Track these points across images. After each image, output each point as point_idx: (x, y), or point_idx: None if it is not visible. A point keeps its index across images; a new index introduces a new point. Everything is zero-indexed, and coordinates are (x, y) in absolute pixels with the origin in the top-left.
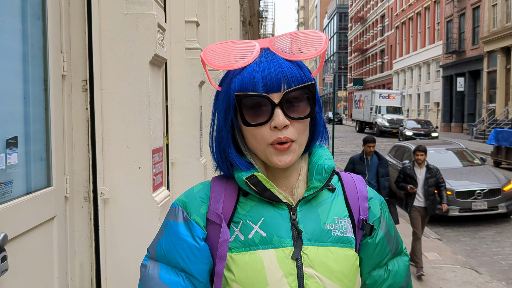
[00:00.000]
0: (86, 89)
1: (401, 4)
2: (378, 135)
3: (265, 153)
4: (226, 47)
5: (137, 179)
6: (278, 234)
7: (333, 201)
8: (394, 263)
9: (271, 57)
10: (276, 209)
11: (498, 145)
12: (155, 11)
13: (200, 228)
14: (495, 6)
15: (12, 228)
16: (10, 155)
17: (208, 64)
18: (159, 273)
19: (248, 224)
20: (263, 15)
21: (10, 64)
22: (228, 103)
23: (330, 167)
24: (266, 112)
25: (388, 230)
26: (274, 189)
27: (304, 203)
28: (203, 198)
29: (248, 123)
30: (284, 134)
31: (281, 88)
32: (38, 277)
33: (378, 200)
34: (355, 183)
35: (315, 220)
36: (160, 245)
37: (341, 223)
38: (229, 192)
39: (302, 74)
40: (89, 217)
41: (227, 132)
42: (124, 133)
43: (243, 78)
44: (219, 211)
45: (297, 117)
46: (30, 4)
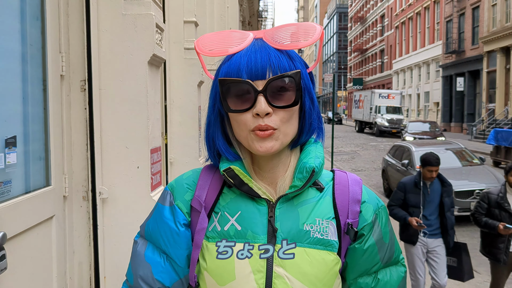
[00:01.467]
0: (84, 89)
1: (401, 4)
2: (378, 135)
3: (247, 140)
4: (221, 35)
5: (135, 178)
6: (253, 229)
7: (319, 202)
8: (386, 272)
9: (260, 45)
10: (255, 204)
11: (497, 145)
12: (153, 12)
13: (182, 214)
14: (494, 6)
15: (11, 227)
16: (9, 155)
17: (200, 51)
18: (145, 251)
19: (225, 215)
20: (262, 15)
21: (9, 64)
22: (215, 90)
23: (311, 166)
24: (249, 99)
25: (381, 237)
26: (251, 183)
27: (285, 200)
28: (189, 185)
29: (231, 109)
30: (265, 121)
31: (266, 76)
32: (37, 276)
33: (373, 205)
34: (348, 184)
35: (293, 219)
36: (148, 225)
37: (323, 225)
38: (215, 181)
39: (291, 64)
40: (88, 217)
41: (215, 119)
42: (123, 132)
43: (230, 64)
44: (202, 199)
45: (280, 106)
46: (29, 4)
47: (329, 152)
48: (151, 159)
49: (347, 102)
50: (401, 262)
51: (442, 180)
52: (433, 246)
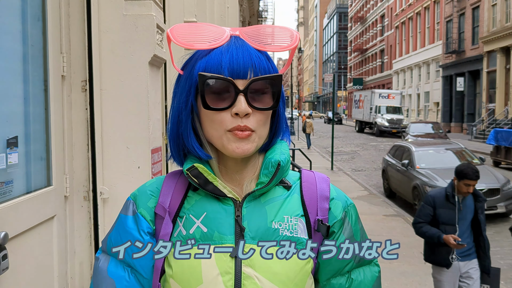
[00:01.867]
0: (85, 89)
1: (401, 4)
2: (378, 135)
3: (221, 140)
4: (195, 27)
5: (136, 178)
6: (220, 230)
7: (286, 199)
8: (359, 272)
9: (240, 44)
10: (221, 204)
11: (497, 145)
12: (154, 12)
13: (146, 222)
14: (494, 6)
15: (12, 227)
16: (10, 155)
17: (174, 40)
18: (108, 266)
19: (190, 218)
20: (262, 15)
21: (11, 64)
22: (190, 84)
23: (276, 160)
24: (228, 98)
25: (352, 235)
26: (216, 182)
27: (252, 199)
28: (152, 192)
29: (209, 106)
30: (244, 122)
31: (248, 76)
32: (38, 276)
33: (342, 202)
34: (316, 182)
35: (261, 218)
36: (110, 238)
37: (292, 222)
38: (179, 186)
39: (270, 66)
40: (89, 216)
41: (187, 115)
42: (123, 133)
43: (209, 60)
44: (166, 205)
45: (260, 108)
46: (30, 5)
47: (329, 152)
48: (152, 159)
49: (347, 102)
50: (374, 262)
51: (476, 195)
52: (466, 269)
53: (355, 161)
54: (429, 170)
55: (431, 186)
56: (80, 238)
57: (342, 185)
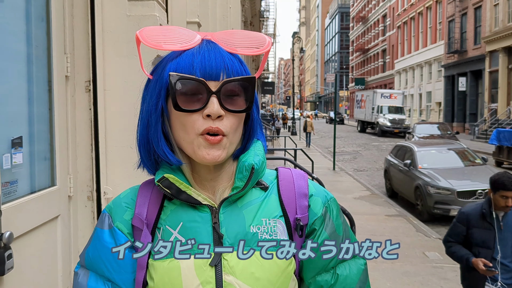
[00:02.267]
0: (89, 89)
1: (403, 4)
2: (380, 135)
3: (192, 145)
4: (166, 29)
5: (139, 178)
6: (198, 239)
7: (264, 201)
8: (345, 266)
9: (212, 46)
10: (197, 211)
11: (500, 145)
12: (157, 13)
13: (123, 235)
14: (496, 6)
15: (17, 226)
16: (15, 155)
17: (143, 41)
18: (88, 281)
19: (167, 229)
20: (264, 15)
21: (15, 65)
22: (161, 87)
23: (249, 164)
24: (201, 100)
25: (334, 230)
26: (190, 191)
27: (228, 204)
28: (128, 204)
29: (180, 108)
30: (216, 124)
31: (220, 77)
32: (43, 275)
33: (322, 198)
34: (293, 179)
35: (239, 223)
36: (88, 253)
37: (270, 224)
38: (154, 196)
39: (243, 69)
40: (93, 216)
41: (157, 119)
42: (127, 133)
43: (180, 61)
44: (143, 216)
45: (233, 110)
46: (34, 6)
47: (331, 152)
48: None
49: (349, 102)
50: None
51: None
52: None
53: (357, 161)
54: (431, 170)
55: (433, 186)
56: (84, 238)
57: (344, 185)
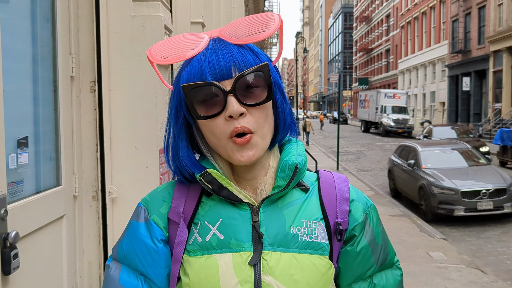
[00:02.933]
0: (94, 90)
1: (407, 4)
2: (384, 135)
3: (226, 150)
4: (173, 41)
5: (144, 178)
6: (237, 237)
7: (304, 202)
8: (382, 276)
9: (219, 44)
10: (237, 209)
11: (504, 145)
12: (162, 13)
13: (159, 229)
14: (501, 6)
15: (23, 226)
16: (21, 155)
17: (154, 60)
18: (120, 275)
19: (206, 225)
20: None
21: (21, 65)
22: (179, 98)
23: (293, 163)
24: (219, 102)
25: (373, 238)
26: (231, 187)
27: (269, 203)
28: (165, 197)
29: (200, 116)
30: (241, 123)
31: (232, 74)
32: (48, 275)
33: (363, 204)
34: (334, 183)
35: (279, 223)
36: (122, 246)
37: (311, 226)
38: (192, 191)
39: (256, 58)
40: (98, 216)
41: (179, 132)
42: (132, 133)
43: (191, 69)
44: (180, 210)
45: (253, 103)
46: (40, 6)
47: (335, 152)
48: (160, 159)
49: (352, 102)
50: (396, 265)
51: None
52: None
53: (361, 161)
54: (435, 170)
55: (437, 186)
56: (89, 238)
57: None
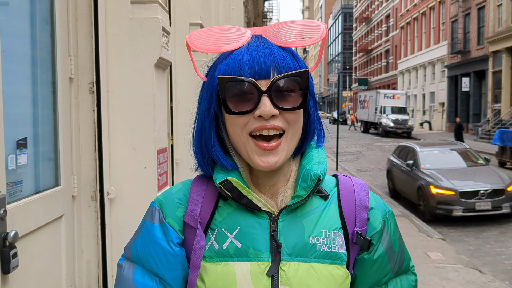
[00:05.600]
0: (93, 91)
1: (406, 4)
2: (383, 135)
3: (246, 149)
4: (214, 30)
5: (142, 179)
6: (255, 246)
7: (324, 211)
8: (397, 282)
9: (262, 42)
10: (255, 217)
11: (503, 146)
12: (160, 15)
13: (175, 232)
14: (500, 6)
15: (22, 226)
16: (20, 156)
17: (193, 46)
18: (134, 275)
19: (223, 232)
20: (267, 16)
21: (20, 67)
22: (212, 90)
23: (316, 174)
24: (251, 100)
25: (390, 246)
26: (251, 196)
27: (288, 212)
28: (180, 199)
29: (231, 110)
30: (271, 122)
31: (271, 75)
32: (47, 274)
33: (381, 211)
34: (354, 190)
35: (298, 233)
36: (135, 246)
37: (330, 236)
38: (209, 194)
39: (296, 63)
40: (96, 216)
41: (210, 123)
42: (130, 134)
43: (229, 62)
44: (197, 214)
45: (287, 108)
46: (39, 9)
47: (334, 153)
48: (158, 160)
49: (352, 102)
50: (411, 271)
51: None
52: None
53: (360, 161)
54: (434, 171)
55: (436, 187)
56: (87, 238)
57: None
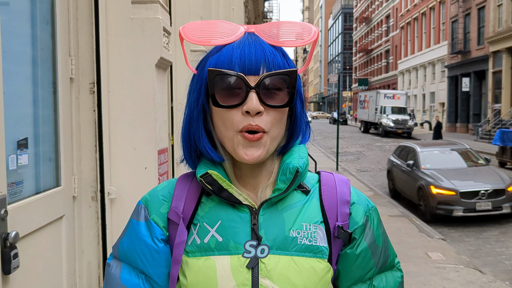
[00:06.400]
0: (93, 91)
1: (406, 5)
2: (383, 135)
3: (232, 143)
4: (208, 24)
5: (143, 179)
6: (235, 239)
7: (305, 205)
8: (382, 278)
9: (254, 39)
10: (236, 211)
11: (503, 146)
12: (161, 15)
13: (159, 228)
14: (500, 6)
15: (23, 226)
16: (21, 156)
17: (186, 38)
18: (121, 273)
19: (204, 226)
20: (267, 16)
21: (21, 67)
22: (201, 82)
23: (294, 166)
24: (239, 95)
25: (373, 240)
26: (232, 189)
27: (269, 206)
28: (165, 197)
29: (219, 103)
30: (256, 121)
31: (260, 72)
32: (48, 275)
33: (364, 206)
34: (336, 185)
35: (279, 226)
36: (122, 245)
37: (310, 230)
38: (192, 190)
39: (285, 62)
40: (97, 216)
41: (198, 115)
42: (131, 134)
43: (220, 56)
44: (180, 210)
45: (273, 105)
46: (39, 9)
47: (334, 153)
48: (159, 160)
49: (352, 102)
50: (396, 267)
51: None
52: None
53: (360, 161)
54: (434, 171)
55: (436, 187)
56: (88, 238)
57: None
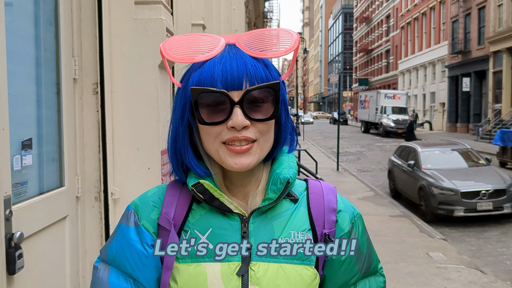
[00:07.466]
0: (97, 92)
1: (406, 4)
2: (384, 135)
3: (218, 154)
4: (189, 39)
5: (146, 179)
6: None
7: (293, 213)
8: (365, 283)
9: (234, 53)
10: (227, 219)
11: (503, 146)
12: (164, 16)
13: (149, 234)
14: (500, 6)
15: (27, 226)
16: (25, 157)
17: (166, 55)
18: (109, 277)
19: (195, 234)
20: (268, 16)
21: (24, 68)
22: (185, 99)
23: (285, 177)
24: (224, 111)
25: (358, 247)
26: (223, 198)
27: (259, 214)
28: (155, 202)
29: (204, 121)
30: (243, 133)
31: (243, 86)
32: (51, 275)
33: (349, 214)
34: (323, 193)
35: (268, 234)
36: (111, 249)
37: (298, 238)
38: (183, 197)
39: (268, 73)
40: (100, 217)
41: (184, 131)
42: (134, 134)
43: (202, 72)
44: (171, 216)
45: (258, 119)
46: (43, 10)
47: (335, 153)
48: (162, 161)
49: (352, 102)
50: (379, 272)
51: None
52: None
53: (361, 161)
54: (435, 171)
55: (437, 187)
56: (91, 238)
57: (348, 186)
